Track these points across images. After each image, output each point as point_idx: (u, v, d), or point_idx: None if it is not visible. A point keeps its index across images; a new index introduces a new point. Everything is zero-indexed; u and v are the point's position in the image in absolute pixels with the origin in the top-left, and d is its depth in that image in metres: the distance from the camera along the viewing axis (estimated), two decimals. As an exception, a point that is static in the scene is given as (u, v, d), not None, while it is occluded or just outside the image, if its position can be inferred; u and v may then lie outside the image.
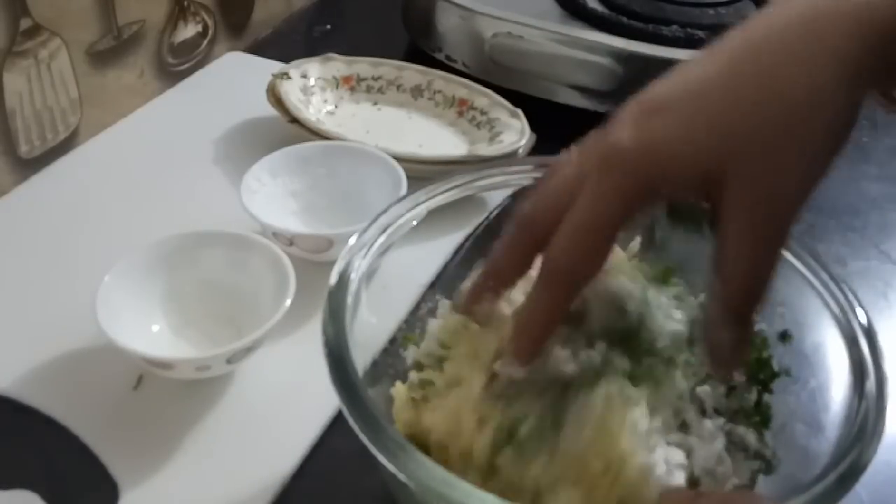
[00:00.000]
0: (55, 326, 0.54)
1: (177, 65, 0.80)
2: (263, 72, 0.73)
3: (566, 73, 0.75)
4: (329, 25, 0.93)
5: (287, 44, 0.89)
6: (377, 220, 0.45)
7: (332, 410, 0.50)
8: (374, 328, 0.44)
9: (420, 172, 0.62)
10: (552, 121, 0.72)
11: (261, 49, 0.86)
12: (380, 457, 0.34)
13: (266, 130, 0.72)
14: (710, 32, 0.74)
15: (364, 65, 0.78)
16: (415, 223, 0.46)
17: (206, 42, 0.83)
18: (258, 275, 0.53)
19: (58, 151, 0.69)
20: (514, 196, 0.51)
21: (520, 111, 0.72)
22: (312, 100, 0.75)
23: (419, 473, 0.33)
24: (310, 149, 0.65)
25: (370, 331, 0.43)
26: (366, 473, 0.47)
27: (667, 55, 0.72)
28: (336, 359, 0.38)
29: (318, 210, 0.63)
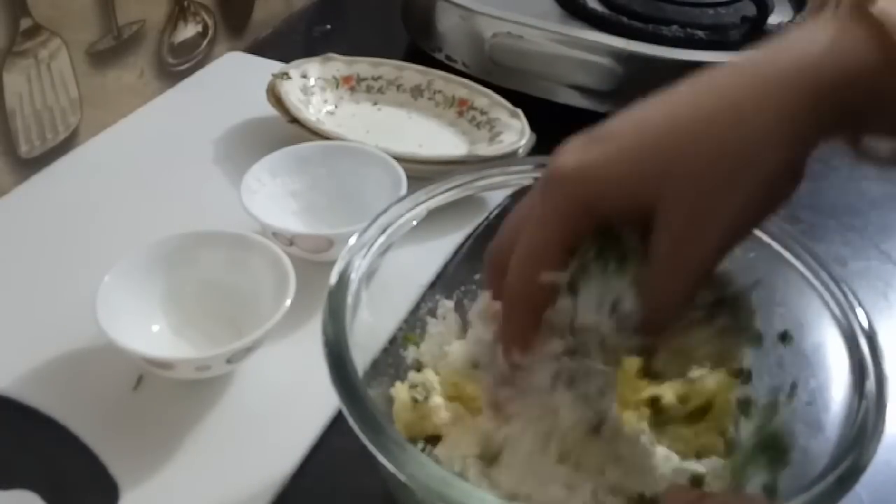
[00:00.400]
0: (55, 326, 0.54)
1: (177, 65, 0.80)
2: (263, 72, 0.73)
3: (566, 73, 0.75)
4: (329, 25, 0.93)
5: (287, 44, 0.89)
6: (377, 220, 0.45)
7: (332, 410, 0.50)
8: (374, 328, 0.44)
9: (420, 172, 0.62)
10: (552, 121, 0.72)
11: (261, 49, 0.86)
12: (379, 457, 0.34)
13: (266, 130, 0.72)
14: (710, 32, 0.74)
15: (364, 65, 0.78)
16: (415, 223, 0.46)
17: (206, 42, 0.83)
18: (258, 275, 0.53)
19: (58, 151, 0.69)
20: (514, 196, 0.51)
21: (520, 111, 0.72)
22: (312, 100, 0.75)
23: (419, 473, 0.34)
24: (310, 149, 0.65)
25: (370, 331, 0.43)
26: (366, 473, 0.47)
27: (667, 55, 0.72)
28: (336, 359, 0.38)
29: (318, 210, 0.63)
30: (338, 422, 0.50)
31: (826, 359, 0.41)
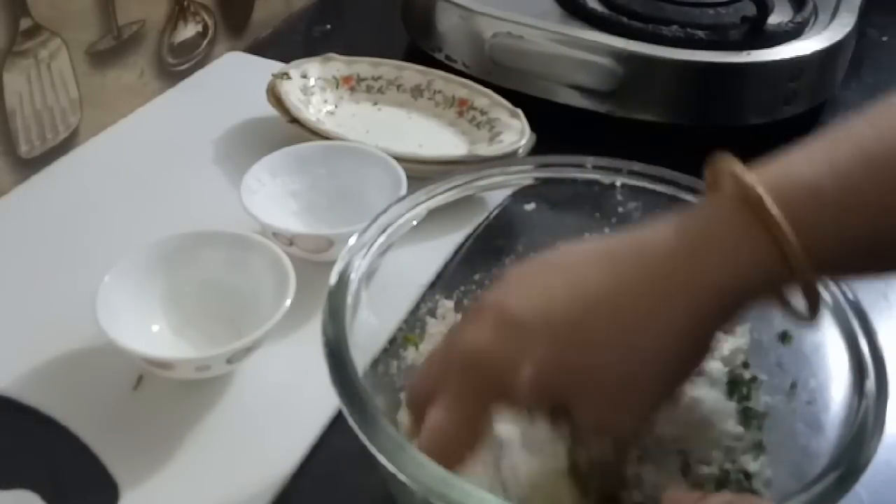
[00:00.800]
0: (55, 326, 0.54)
1: (177, 65, 0.80)
2: (263, 72, 0.73)
3: (566, 73, 0.75)
4: (329, 25, 0.93)
5: (287, 44, 0.89)
6: (377, 220, 0.45)
7: (332, 410, 0.50)
8: (374, 328, 0.44)
9: (420, 172, 0.62)
10: (552, 121, 0.72)
11: (261, 49, 0.86)
12: (379, 456, 0.34)
13: (266, 130, 0.72)
14: (710, 32, 0.74)
15: (364, 65, 0.78)
16: (415, 223, 0.46)
17: (206, 42, 0.83)
18: (258, 275, 0.53)
19: (58, 151, 0.69)
20: (514, 196, 0.51)
21: (520, 111, 0.72)
22: (312, 100, 0.75)
23: (418, 473, 0.34)
24: (310, 149, 0.65)
25: (370, 331, 0.43)
26: (366, 473, 0.47)
27: (667, 55, 0.72)
28: (336, 359, 0.38)
29: (318, 210, 0.63)
30: (338, 422, 0.50)
31: (826, 358, 0.41)
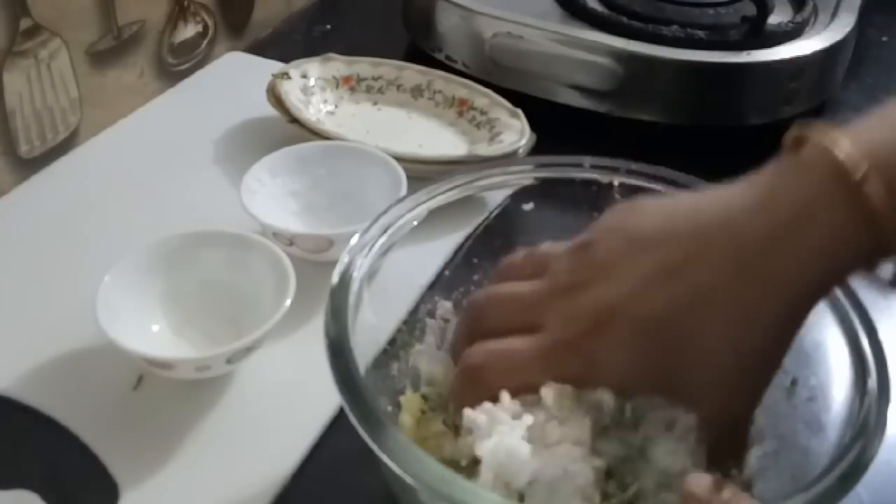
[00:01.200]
0: (55, 326, 0.54)
1: (177, 65, 0.80)
2: (263, 72, 0.73)
3: (566, 73, 0.75)
4: (329, 25, 0.93)
5: (287, 44, 0.89)
6: (378, 220, 0.45)
7: (332, 410, 0.50)
8: (376, 328, 0.44)
9: (420, 172, 0.62)
10: (552, 121, 0.72)
11: (261, 49, 0.86)
12: (382, 456, 0.34)
13: (266, 130, 0.72)
14: (710, 32, 0.74)
15: (364, 65, 0.78)
16: (415, 223, 0.46)
17: (206, 42, 0.83)
18: (258, 275, 0.53)
19: (58, 151, 0.69)
20: (514, 196, 0.51)
21: (520, 111, 0.72)
22: (312, 100, 0.75)
23: (421, 472, 0.34)
24: (310, 149, 0.64)
25: (372, 331, 0.43)
26: (366, 473, 0.47)
27: (667, 55, 0.72)
28: (338, 358, 0.38)
29: (318, 210, 0.63)
30: (338, 422, 0.50)
31: (827, 357, 0.41)
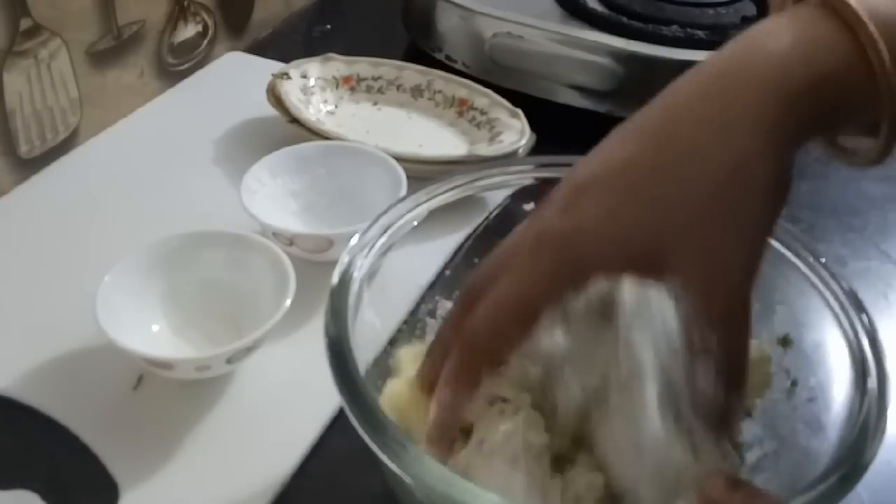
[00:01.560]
0: (55, 326, 0.54)
1: (177, 65, 0.80)
2: (263, 72, 0.73)
3: (566, 73, 0.75)
4: (329, 25, 0.93)
5: (287, 44, 0.89)
6: (378, 220, 0.45)
7: (333, 410, 0.50)
8: (376, 328, 0.44)
9: (420, 172, 0.62)
10: (552, 121, 0.72)
11: (261, 49, 0.86)
12: (382, 456, 0.34)
13: (266, 130, 0.72)
14: (710, 32, 0.74)
15: (364, 65, 0.78)
16: (415, 223, 0.46)
17: (206, 42, 0.83)
18: (258, 275, 0.53)
19: (58, 151, 0.69)
20: (514, 196, 0.51)
21: (520, 111, 0.72)
22: (312, 100, 0.75)
23: (421, 473, 0.34)
24: (310, 149, 0.65)
25: (372, 331, 0.43)
26: (366, 473, 0.47)
27: (667, 55, 0.72)
28: (338, 358, 0.38)
29: (318, 210, 0.63)
30: (338, 422, 0.50)
31: (827, 357, 0.41)
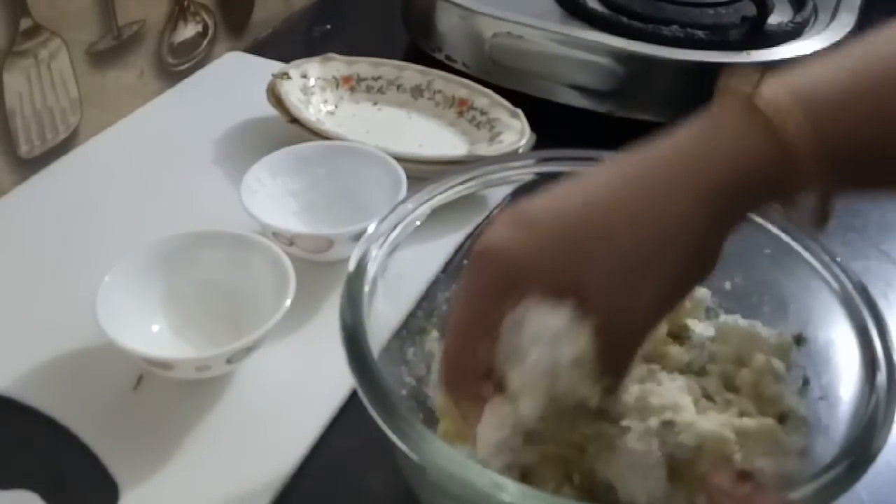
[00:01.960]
0: (55, 326, 0.54)
1: (177, 65, 0.80)
2: (263, 72, 0.73)
3: (566, 73, 0.75)
4: (329, 25, 0.93)
5: (287, 44, 0.89)
6: (395, 210, 0.46)
7: (333, 410, 0.50)
8: (388, 317, 0.44)
9: (420, 172, 0.61)
10: (552, 121, 0.72)
11: (261, 49, 0.86)
12: (395, 439, 0.35)
13: (266, 130, 0.72)
14: (710, 32, 0.74)
15: (364, 65, 0.78)
16: (430, 212, 0.47)
17: (206, 42, 0.83)
18: (258, 275, 0.53)
19: (58, 151, 0.69)
20: (514, 195, 0.51)
21: (520, 111, 0.72)
22: (312, 100, 0.75)
23: (432, 454, 0.34)
24: (310, 149, 0.65)
25: (385, 320, 0.44)
26: (366, 473, 0.47)
27: (667, 55, 0.72)
28: (354, 344, 0.38)
29: (318, 210, 0.63)
30: (338, 422, 0.50)
31: (837, 352, 0.41)
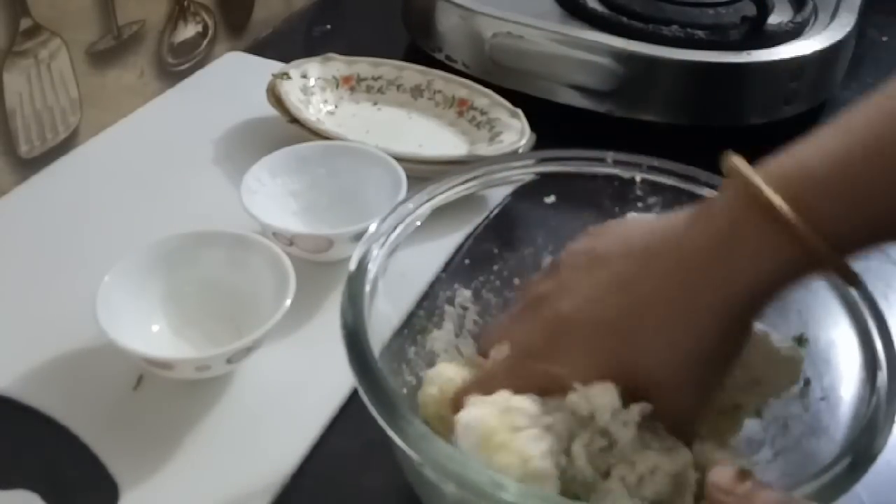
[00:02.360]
0: (55, 326, 0.54)
1: (177, 65, 0.80)
2: (263, 72, 0.73)
3: (566, 73, 0.75)
4: (329, 25, 0.93)
5: (287, 44, 0.89)
6: (396, 210, 0.46)
7: (332, 410, 0.50)
8: (389, 317, 0.44)
9: (420, 172, 0.62)
10: (552, 121, 0.72)
11: (261, 49, 0.86)
12: (397, 440, 0.35)
13: (266, 130, 0.72)
14: (710, 32, 0.74)
15: (364, 65, 0.78)
16: (431, 211, 0.47)
17: (206, 42, 0.83)
18: (258, 275, 0.53)
19: (58, 151, 0.69)
20: (514, 195, 0.51)
21: (520, 111, 0.72)
22: (312, 100, 0.75)
23: (433, 453, 0.34)
24: (310, 149, 0.65)
25: (385, 320, 0.44)
26: (366, 473, 0.47)
27: (667, 55, 0.72)
28: (354, 342, 0.38)
29: (318, 210, 0.63)
30: (338, 422, 0.50)
31: (838, 352, 0.42)
